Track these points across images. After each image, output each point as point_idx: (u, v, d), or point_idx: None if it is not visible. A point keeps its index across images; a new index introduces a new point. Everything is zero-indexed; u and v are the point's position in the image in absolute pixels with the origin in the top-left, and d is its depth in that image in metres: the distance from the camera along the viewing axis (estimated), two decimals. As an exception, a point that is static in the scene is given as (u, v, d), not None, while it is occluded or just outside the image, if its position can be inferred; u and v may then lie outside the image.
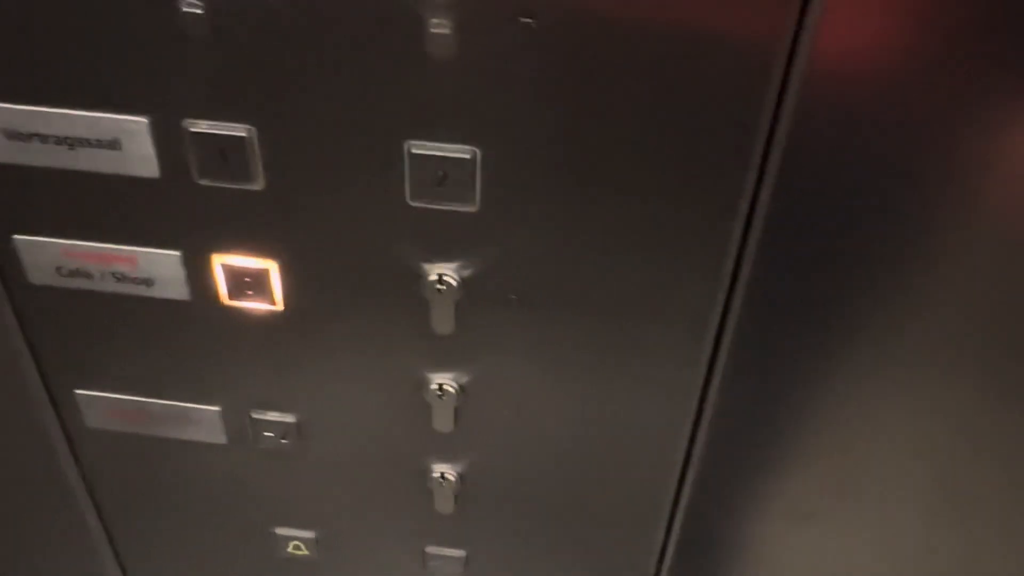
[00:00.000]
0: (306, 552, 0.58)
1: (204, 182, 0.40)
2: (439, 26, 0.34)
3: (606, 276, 0.42)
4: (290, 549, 0.58)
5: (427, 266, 0.42)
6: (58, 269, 0.44)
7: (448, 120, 0.37)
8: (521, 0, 0.33)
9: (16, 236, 0.44)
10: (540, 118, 0.36)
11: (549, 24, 0.34)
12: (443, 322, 0.44)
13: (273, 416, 0.50)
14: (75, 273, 0.44)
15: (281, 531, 0.57)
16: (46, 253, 0.44)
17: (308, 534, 0.57)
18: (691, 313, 0.43)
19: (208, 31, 0.35)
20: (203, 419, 0.51)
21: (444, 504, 0.52)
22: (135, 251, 0.43)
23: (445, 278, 0.42)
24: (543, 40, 0.34)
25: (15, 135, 0.39)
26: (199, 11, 0.34)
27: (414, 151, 0.38)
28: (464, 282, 0.42)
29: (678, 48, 0.34)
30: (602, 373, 0.46)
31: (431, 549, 0.56)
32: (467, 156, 0.38)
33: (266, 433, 0.51)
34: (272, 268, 0.43)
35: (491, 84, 0.35)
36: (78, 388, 0.50)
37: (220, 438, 0.52)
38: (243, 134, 0.38)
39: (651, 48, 0.34)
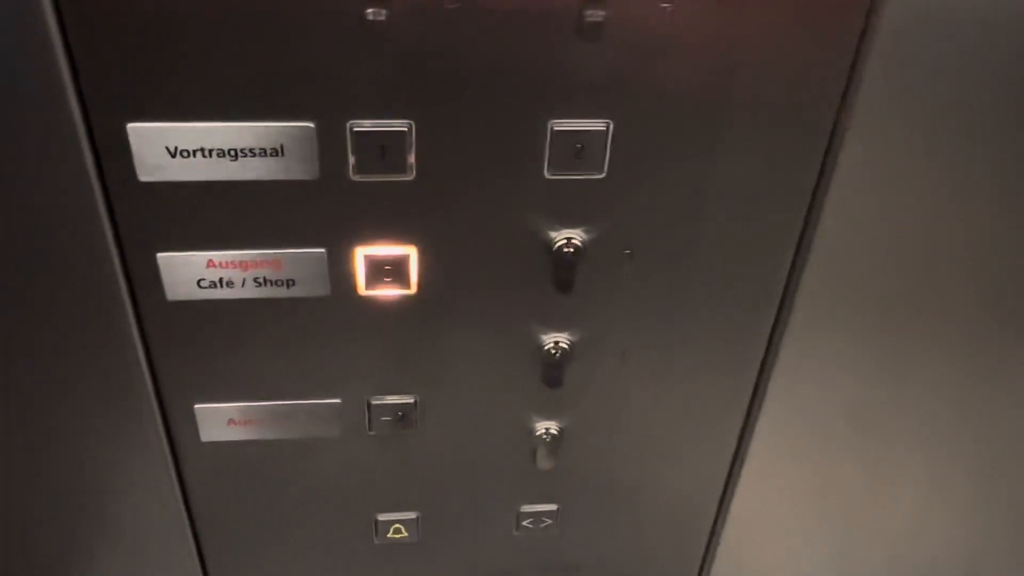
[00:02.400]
0: (405, 534, 0.61)
1: (358, 178, 0.44)
2: (593, 16, 0.40)
3: (705, 229, 0.48)
4: (391, 534, 0.61)
5: (554, 233, 0.47)
6: (199, 282, 0.46)
7: (587, 97, 0.43)
8: (663, -12, 0.40)
9: (160, 254, 0.45)
10: (668, 92, 0.43)
11: (684, 9, 0.40)
12: (565, 283, 0.49)
13: (392, 399, 0.53)
14: (216, 284, 0.47)
15: (383, 517, 0.60)
16: (189, 267, 0.46)
17: (410, 515, 0.60)
18: (765, 277, 0.51)
19: (386, 36, 0.39)
20: (322, 413, 0.53)
21: (545, 460, 0.57)
22: (281, 253, 0.46)
23: (573, 241, 0.47)
24: (678, 23, 0.41)
25: (179, 152, 0.42)
26: (383, 18, 0.39)
27: (556, 128, 0.43)
28: (587, 243, 0.48)
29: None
30: (688, 327, 0.53)
31: (526, 507, 0.61)
32: (602, 128, 0.44)
33: (383, 418, 0.54)
34: (412, 253, 0.47)
35: (630, 63, 0.42)
36: (198, 403, 0.52)
37: (335, 431, 0.54)
38: (404, 129, 0.42)
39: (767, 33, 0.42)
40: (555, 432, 0.56)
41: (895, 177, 0.48)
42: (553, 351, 0.52)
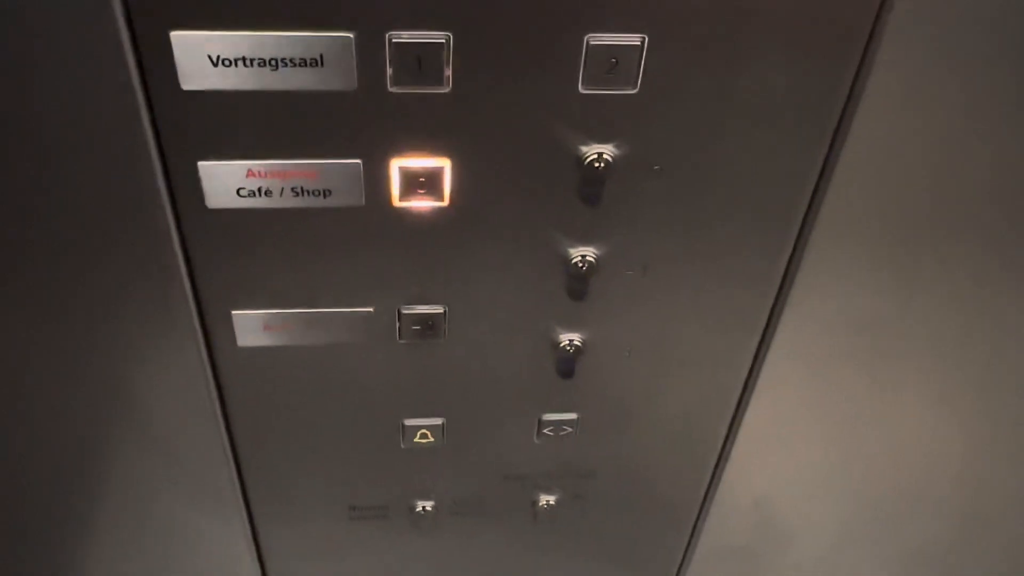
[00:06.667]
0: (431, 439, 0.64)
1: (395, 90, 0.45)
2: (632, -73, 0.40)
3: (733, 145, 0.49)
4: (417, 438, 0.64)
5: (585, 148, 0.48)
6: (239, 191, 0.48)
7: (623, 11, 0.43)
8: (703, -100, 0.40)
9: (201, 162, 0.46)
10: (704, 7, 0.43)
11: (723, -80, 0.40)
12: (593, 197, 0.50)
13: (422, 309, 0.55)
14: (255, 193, 0.48)
15: (410, 422, 0.63)
16: (230, 176, 0.47)
17: (436, 421, 0.63)
18: (789, 192, 0.52)
19: (427, -54, 0.40)
20: (354, 321, 0.55)
21: (566, 369, 0.60)
22: (318, 163, 0.47)
23: (603, 156, 0.48)
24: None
25: (221, 61, 0.42)
26: (424, -73, 0.39)
27: (592, 42, 0.44)
28: (617, 159, 0.49)
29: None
30: (710, 241, 0.54)
31: (547, 416, 0.63)
32: (636, 43, 0.44)
33: (413, 326, 0.56)
34: (446, 166, 0.48)
35: (668, -24, 0.42)
36: (235, 309, 0.54)
37: (365, 338, 0.56)
38: (442, 41, 0.43)
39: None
40: (578, 344, 0.58)
41: (922, 97, 0.48)
42: (581, 265, 0.53)
